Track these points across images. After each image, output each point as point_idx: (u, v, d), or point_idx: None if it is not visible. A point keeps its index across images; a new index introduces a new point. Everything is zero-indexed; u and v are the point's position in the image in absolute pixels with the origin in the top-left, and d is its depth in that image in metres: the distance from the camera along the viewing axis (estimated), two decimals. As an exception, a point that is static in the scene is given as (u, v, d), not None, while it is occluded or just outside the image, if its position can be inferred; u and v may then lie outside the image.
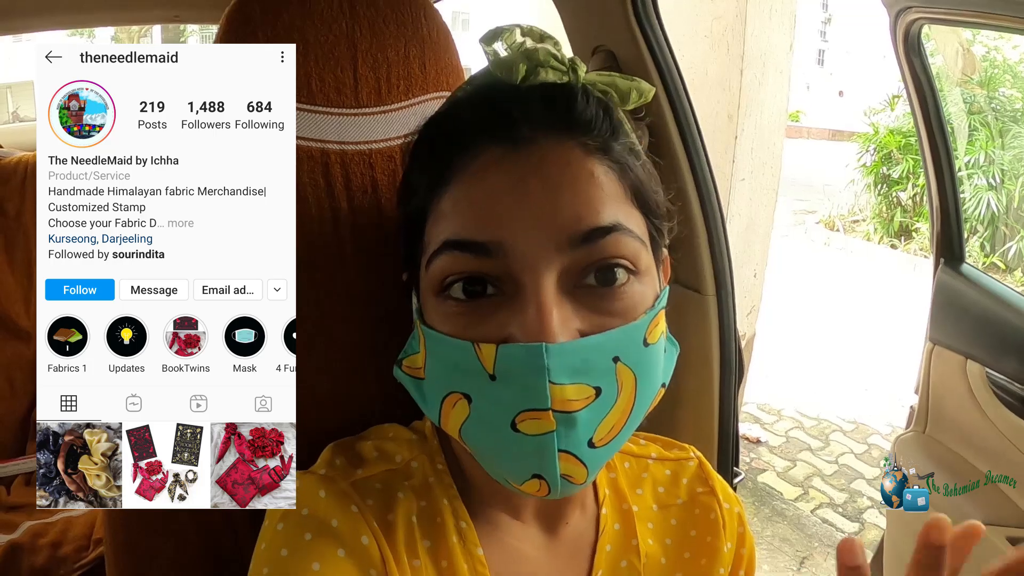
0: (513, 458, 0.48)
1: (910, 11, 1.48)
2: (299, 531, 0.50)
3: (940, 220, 1.68)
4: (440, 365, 0.51)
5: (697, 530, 0.64)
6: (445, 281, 0.49)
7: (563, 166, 0.48)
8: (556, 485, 0.47)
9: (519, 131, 0.49)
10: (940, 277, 1.66)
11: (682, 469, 0.66)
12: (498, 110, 0.50)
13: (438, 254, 0.49)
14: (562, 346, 0.45)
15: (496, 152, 0.49)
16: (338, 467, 0.56)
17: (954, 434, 1.61)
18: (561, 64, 0.51)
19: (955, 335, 1.62)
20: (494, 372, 0.46)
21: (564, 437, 0.46)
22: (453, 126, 0.52)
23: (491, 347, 0.46)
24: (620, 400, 0.48)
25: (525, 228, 0.47)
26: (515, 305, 0.47)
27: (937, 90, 1.63)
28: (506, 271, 0.47)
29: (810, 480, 3.13)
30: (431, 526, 0.55)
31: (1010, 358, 1.50)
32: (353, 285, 0.67)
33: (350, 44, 0.69)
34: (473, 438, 0.50)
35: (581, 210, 0.47)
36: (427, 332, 0.51)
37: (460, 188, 0.49)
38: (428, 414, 0.54)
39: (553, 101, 0.50)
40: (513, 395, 0.46)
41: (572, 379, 0.46)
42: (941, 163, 1.64)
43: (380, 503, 0.54)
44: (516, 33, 0.51)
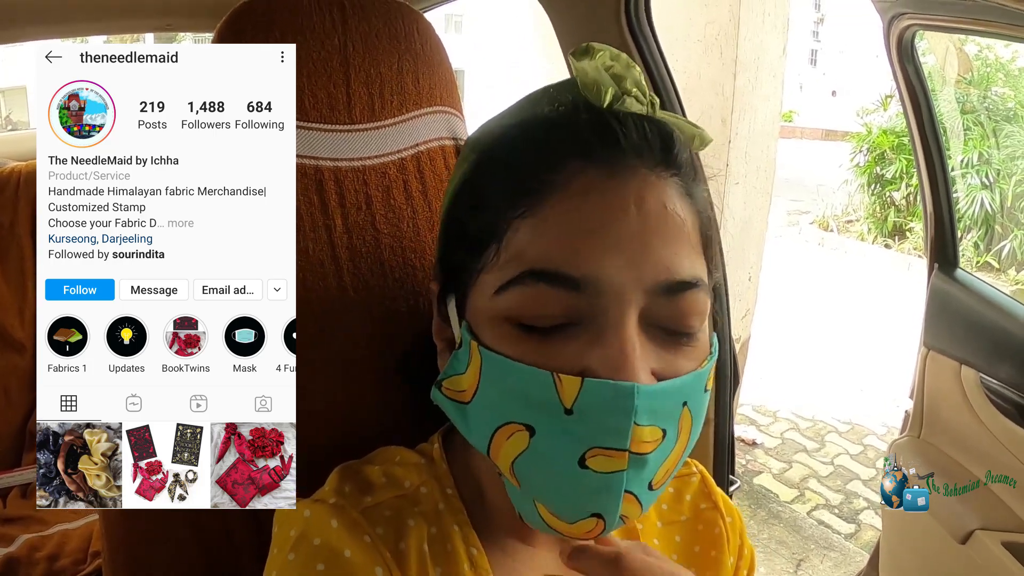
0: (573, 495, 0.46)
1: (904, 17, 1.49)
2: (311, 562, 0.49)
3: (934, 225, 1.68)
4: (500, 393, 0.48)
5: (701, 546, 0.63)
6: (522, 314, 0.46)
7: (660, 204, 0.46)
8: (613, 524, 0.47)
9: (622, 157, 0.46)
10: (934, 282, 1.67)
11: (685, 486, 0.66)
12: (599, 131, 0.47)
13: (519, 282, 0.46)
14: (650, 389, 0.44)
15: (594, 176, 0.46)
16: (347, 495, 0.54)
17: (949, 439, 1.62)
18: (643, 95, 0.49)
19: (949, 340, 1.63)
20: (572, 407, 0.44)
21: (632, 478, 0.45)
22: (543, 140, 0.49)
23: (574, 380, 0.44)
24: (679, 442, 0.48)
25: (618, 264, 0.45)
26: (593, 336, 0.45)
27: (931, 96, 1.64)
28: (588, 304, 0.45)
29: (806, 482, 3.13)
30: (442, 553, 0.53)
31: (1004, 363, 1.51)
32: (348, 301, 0.66)
33: (343, 60, 0.69)
34: (528, 472, 0.48)
35: (671, 258, 0.46)
36: (488, 355, 0.48)
37: (550, 210, 0.46)
38: (473, 441, 0.51)
39: (653, 132, 0.48)
40: (589, 431, 0.44)
41: (650, 421, 0.45)
42: (935, 168, 1.65)
43: (391, 531, 0.52)
44: (606, 55, 0.48)
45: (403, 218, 0.71)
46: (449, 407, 0.53)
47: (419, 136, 0.74)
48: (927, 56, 5.46)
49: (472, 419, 0.51)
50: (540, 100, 0.53)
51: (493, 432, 0.48)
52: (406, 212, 0.71)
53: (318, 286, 0.65)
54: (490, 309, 0.48)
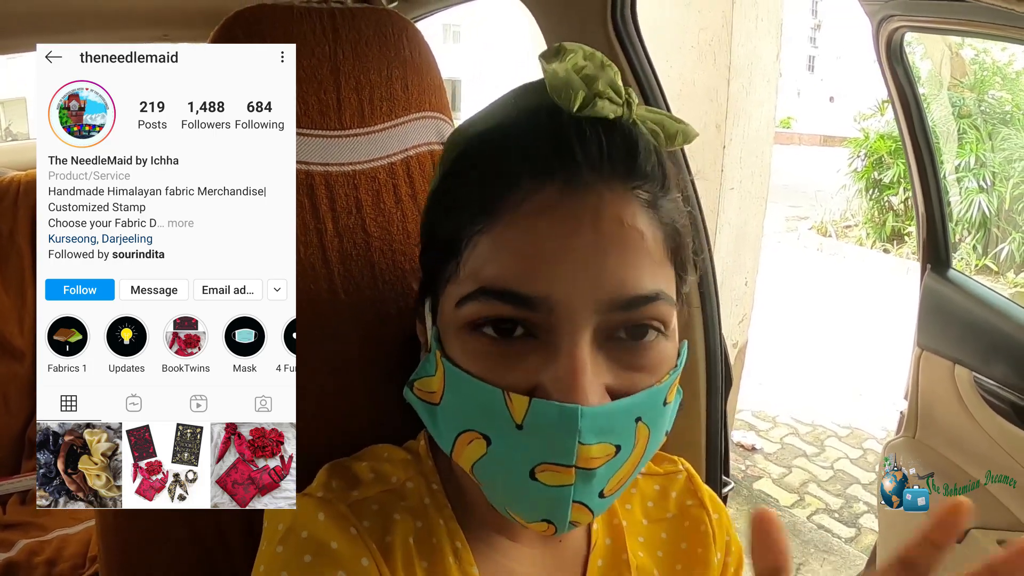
0: (526, 502, 0.48)
1: (892, 19, 1.50)
2: (299, 553, 0.50)
3: (926, 226, 1.69)
4: (461, 402, 0.49)
5: (688, 543, 0.64)
6: (476, 322, 0.47)
7: (617, 220, 0.46)
8: (564, 529, 0.48)
9: (579, 173, 0.46)
10: (927, 283, 1.68)
11: (671, 483, 0.66)
12: (557, 147, 0.46)
13: (474, 298, 0.47)
14: (596, 410, 0.45)
15: (549, 193, 0.46)
16: (335, 489, 0.55)
17: (944, 439, 1.63)
18: (618, 96, 0.48)
19: (943, 340, 1.64)
20: (522, 423, 0.45)
21: (580, 489, 0.46)
22: (501, 154, 0.48)
23: (523, 399, 0.45)
24: (633, 455, 0.49)
25: (570, 285, 0.45)
26: (548, 354, 0.46)
27: (920, 98, 1.66)
28: (543, 321, 0.46)
29: (806, 486, 3.13)
30: (427, 547, 0.54)
31: (997, 362, 1.51)
32: (339, 304, 0.67)
33: (333, 67, 0.70)
34: (486, 476, 0.50)
35: (628, 274, 0.46)
36: (449, 367, 0.49)
37: (505, 228, 0.46)
38: (439, 442, 0.53)
39: (614, 144, 0.47)
40: (538, 447, 0.46)
41: (598, 439, 0.45)
42: (926, 170, 1.66)
43: (377, 525, 0.53)
44: (579, 55, 0.47)
45: (393, 222, 0.72)
46: (420, 407, 0.55)
47: (408, 141, 0.75)
48: (924, 61, 5.49)
49: (440, 421, 0.52)
50: (507, 104, 0.53)
51: (456, 436, 0.50)
52: (396, 216, 0.72)
53: (309, 289, 0.66)
54: (454, 320, 0.49)
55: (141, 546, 0.65)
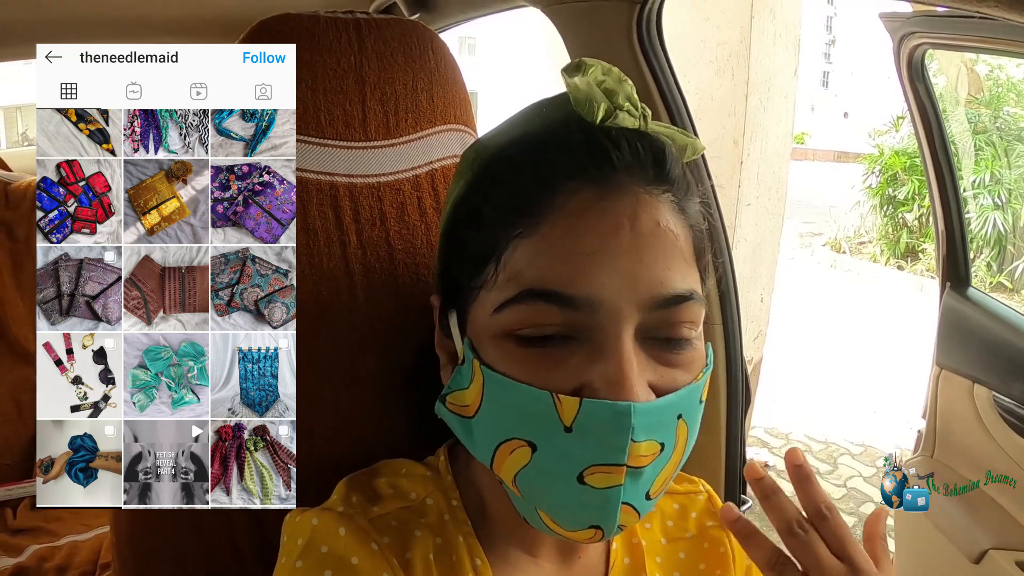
0: (573, 508, 0.48)
1: (913, 36, 1.50)
2: (319, 569, 0.49)
3: (946, 244, 1.68)
4: (502, 410, 0.49)
5: (707, 563, 0.63)
6: (517, 327, 0.48)
7: (653, 221, 0.47)
8: (611, 533, 0.48)
9: (615, 176, 0.47)
10: (946, 301, 1.66)
11: (691, 503, 0.66)
12: (593, 151, 0.48)
13: (517, 301, 0.47)
14: (646, 406, 0.45)
15: (588, 196, 0.47)
16: (355, 504, 0.54)
17: (962, 458, 1.61)
18: (636, 108, 0.49)
19: (962, 359, 1.62)
20: (571, 425, 0.45)
21: (629, 490, 0.47)
22: (538, 160, 0.49)
23: (573, 401, 0.45)
24: (675, 453, 0.49)
25: (614, 283, 0.46)
26: (591, 353, 0.47)
27: (941, 115, 1.65)
28: (586, 320, 0.46)
29: (819, 504, 3.09)
30: (447, 564, 0.54)
31: (1017, 382, 1.50)
32: (361, 316, 0.67)
33: (358, 78, 0.70)
34: (530, 486, 0.49)
35: (665, 273, 0.47)
36: (489, 374, 0.49)
37: (547, 230, 0.47)
38: (476, 455, 0.53)
39: (645, 149, 0.49)
40: (587, 448, 0.46)
41: (647, 436, 0.46)
42: (946, 187, 1.65)
43: (397, 541, 0.53)
44: (598, 70, 0.49)
45: (417, 235, 0.71)
46: (453, 421, 0.54)
47: (433, 153, 0.74)
48: (939, 77, 5.46)
49: (476, 433, 0.52)
50: (533, 117, 0.53)
51: (496, 447, 0.49)
52: (420, 229, 0.71)
53: (332, 300, 0.65)
54: (491, 327, 0.49)
55: (155, 558, 0.64)
